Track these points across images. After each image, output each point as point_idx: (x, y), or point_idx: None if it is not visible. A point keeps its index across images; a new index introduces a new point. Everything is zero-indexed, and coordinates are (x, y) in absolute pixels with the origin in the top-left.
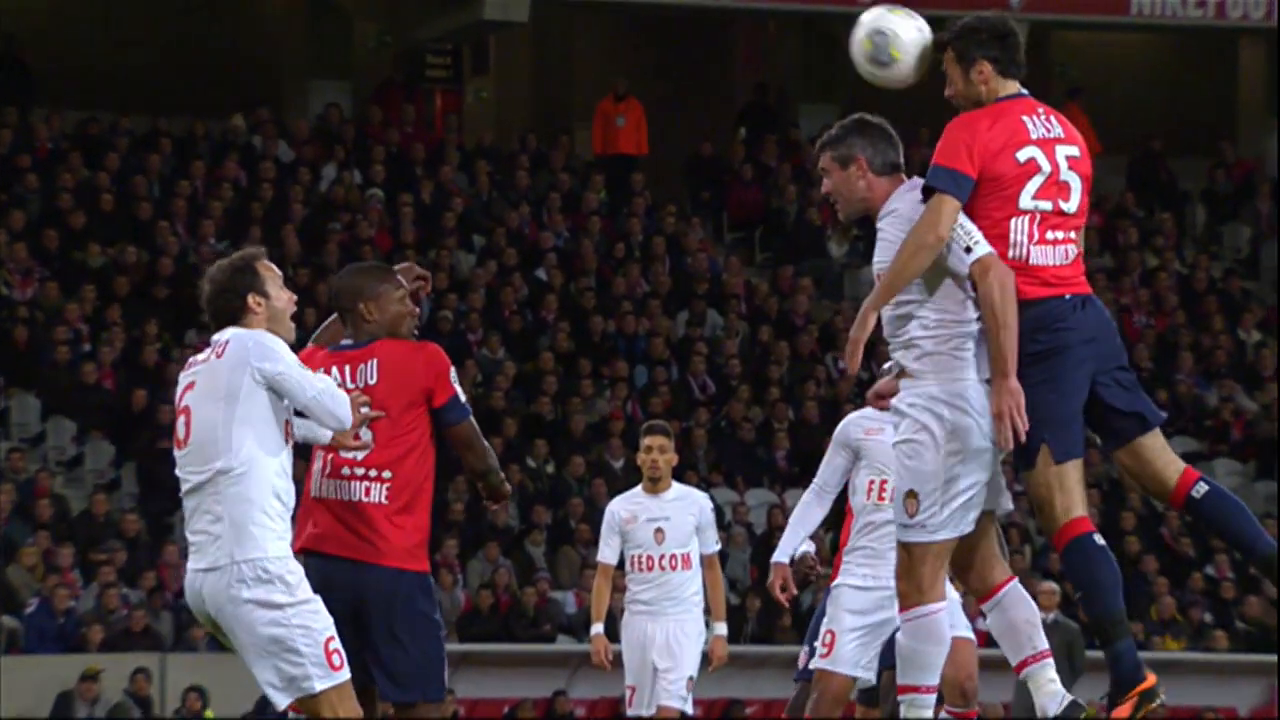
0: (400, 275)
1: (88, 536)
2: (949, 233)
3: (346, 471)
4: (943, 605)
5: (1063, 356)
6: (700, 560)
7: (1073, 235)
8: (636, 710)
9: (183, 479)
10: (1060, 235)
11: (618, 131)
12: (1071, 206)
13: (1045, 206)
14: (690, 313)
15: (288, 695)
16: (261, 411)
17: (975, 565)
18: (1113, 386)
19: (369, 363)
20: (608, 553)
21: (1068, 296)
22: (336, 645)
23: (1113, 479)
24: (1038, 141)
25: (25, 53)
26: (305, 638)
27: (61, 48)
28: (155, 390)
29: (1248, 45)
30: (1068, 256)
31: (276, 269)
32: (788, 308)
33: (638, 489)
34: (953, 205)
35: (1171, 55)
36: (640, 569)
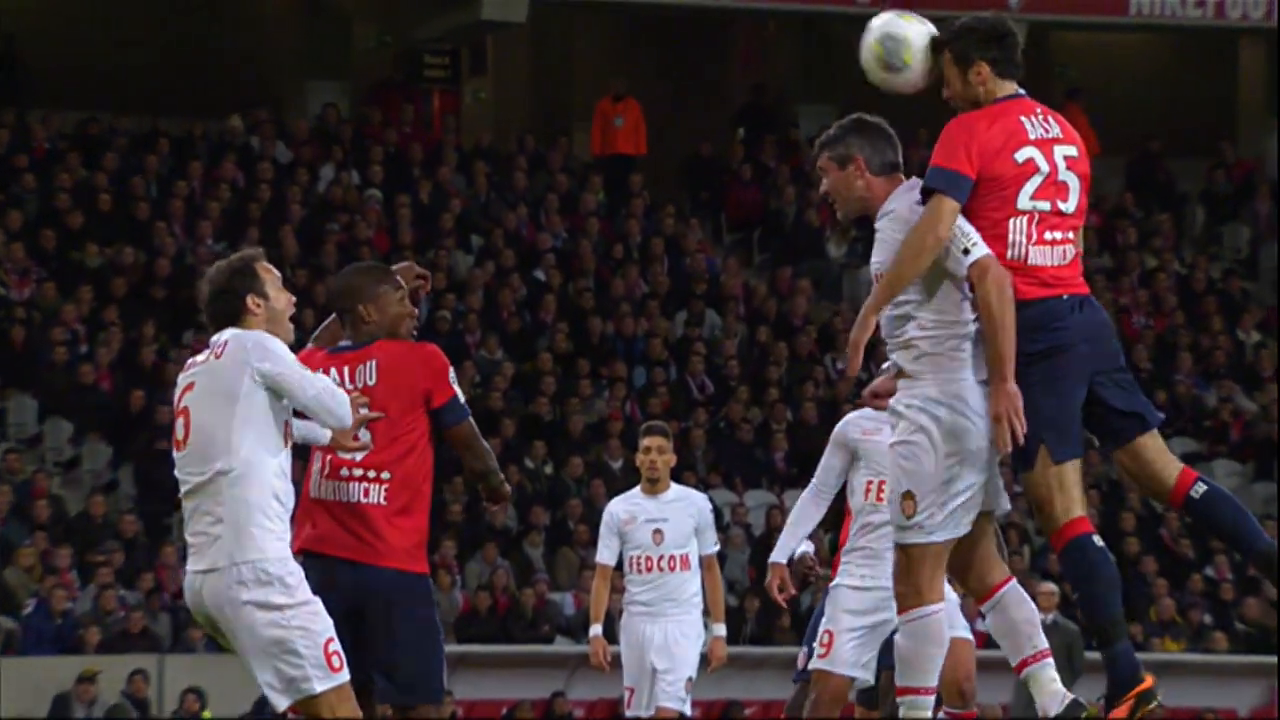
0: (400, 275)
1: (85, 538)
2: (948, 234)
3: (345, 472)
4: (941, 607)
5: (1061, 357)
6: (699, 561)
7: (1071, 235)
8: (635, 711)
9: (182, 480)
10: (1058, 235)
11: (616, 132)
12: (1070, 207)
13: (1044, 207)
14: (689, 313)
15: (287, 697)
16: (261, 412)
17: (973, 566)
18: (1111, 387)
19: (368, 363)
20: (606, 554)
21: (1065, 297)
22: (336, 647)
23: (1112, 480)
24: (1036, 142)
25: (23, 53)
26: (305, 639)
27: (59, 48)
28: (153, 391)
29: (1247, 45)
30: (1066, 257)
31: (275, 270)
32: (786, 308)
33: (636, 490)
34: (952, 207)
35: (1171, 55)
36: (639, 570)
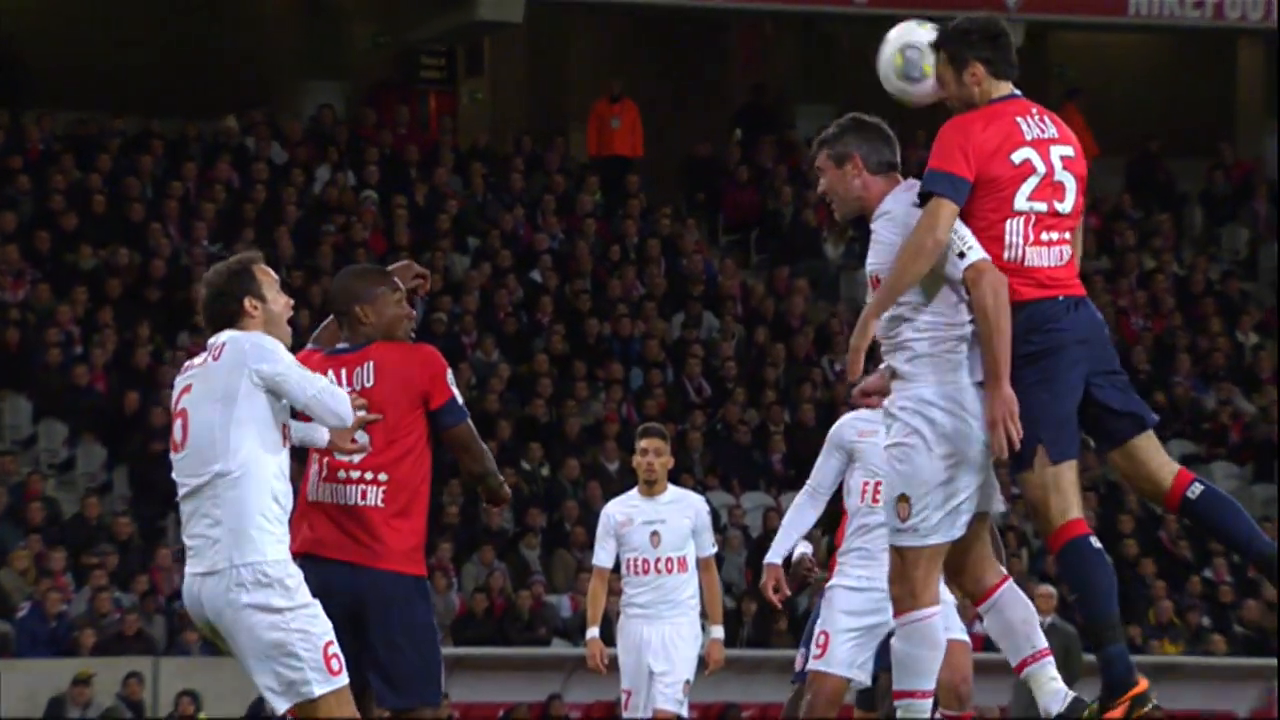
0: (398, 274)
1: (80, 540)
2: (947, 237)
3: (343, 475)
4: (937, 609)
5: (1057, 357)
6: (696, 563)
7: (1067, 236)
8: (632, 714)
9: (180, 483)
10: (1055, 236)
11: (613, 133)
12: (1066, 207)
13: (1040, 208)
14: (686, 315)
15: (287, 700)
16: (260, 414)
17: (969, 568)
18: (1107, 388)
19: (365, 365)
20: (603, 556)
21: (1061, 298)
22: (336, 650)
23: (1111, 482)
24: (1032, 143)
25: (17, 53)
26: (304, 642)
27: (53, 48)
28: (147, 393)
29: (1246, 46)
30: (1062, 257)
31: (273, 273)
32: (784, 309)
33: (633, 492)
34: (950, 209)
35: (1170, 56)
36: (636, 572)
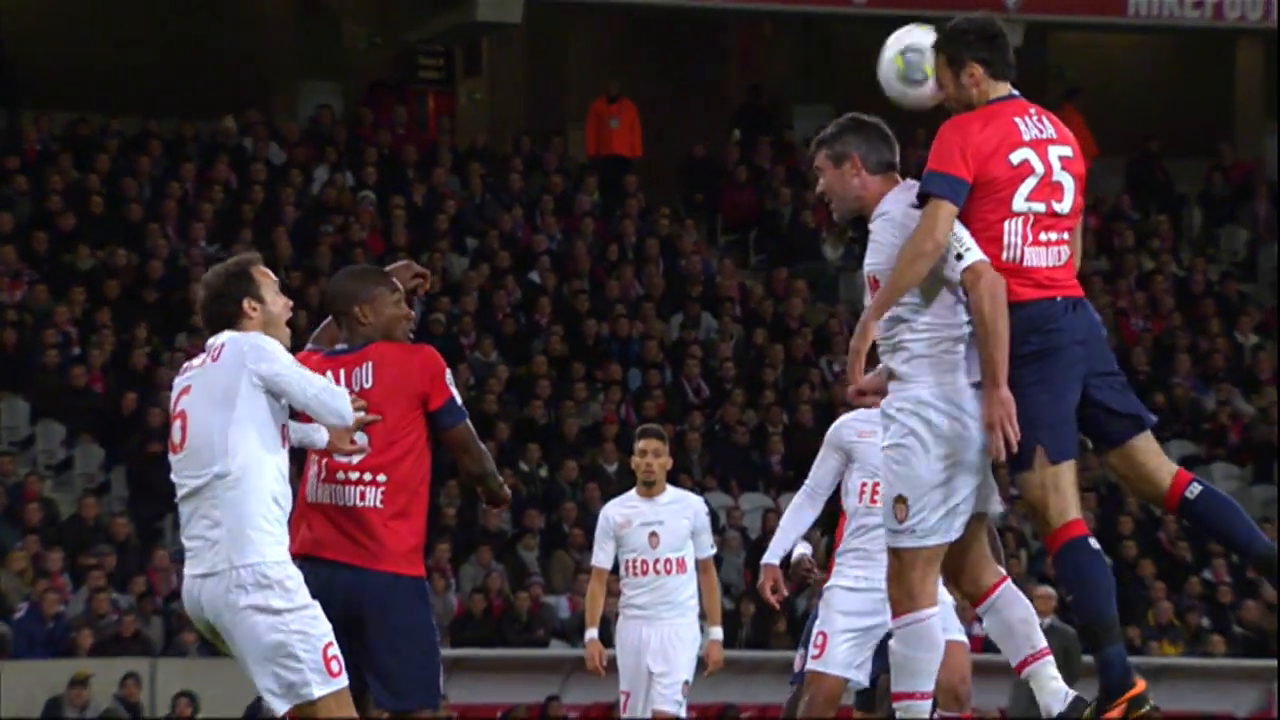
0: (397, 274)
1: (77, 540)
2: (946, 239)
3: (341, 476)
4: (935, 611)
5: (1055, 357)
6: (695, 564)
7: (1065, 236)
8: (631, 715)
9: (179, 484)
10: (1053, 236)
11: (611, 133)
12: (1064, 207)
13: (1039, 208)
14: (684, 315)
15: (286, 701)
16: (259, 415)
17: (967, 569)
18: (1105, 388)
19: (364, 366)
20: (602, 557)
21: (1059, 299)
22: (335, 652)
23: (1110, 483)
24: (1030, 143)
25: (14, 54)
26: (304, 644)
27: (50, 49)
28: (145, 393)
29: (1245, 46)
30: (1060, 258)
31: (272, 275)
32: (782, 310)
33: (632, 493)
34: (949, 211)
35: (1169, 56)
36: (635, 573)
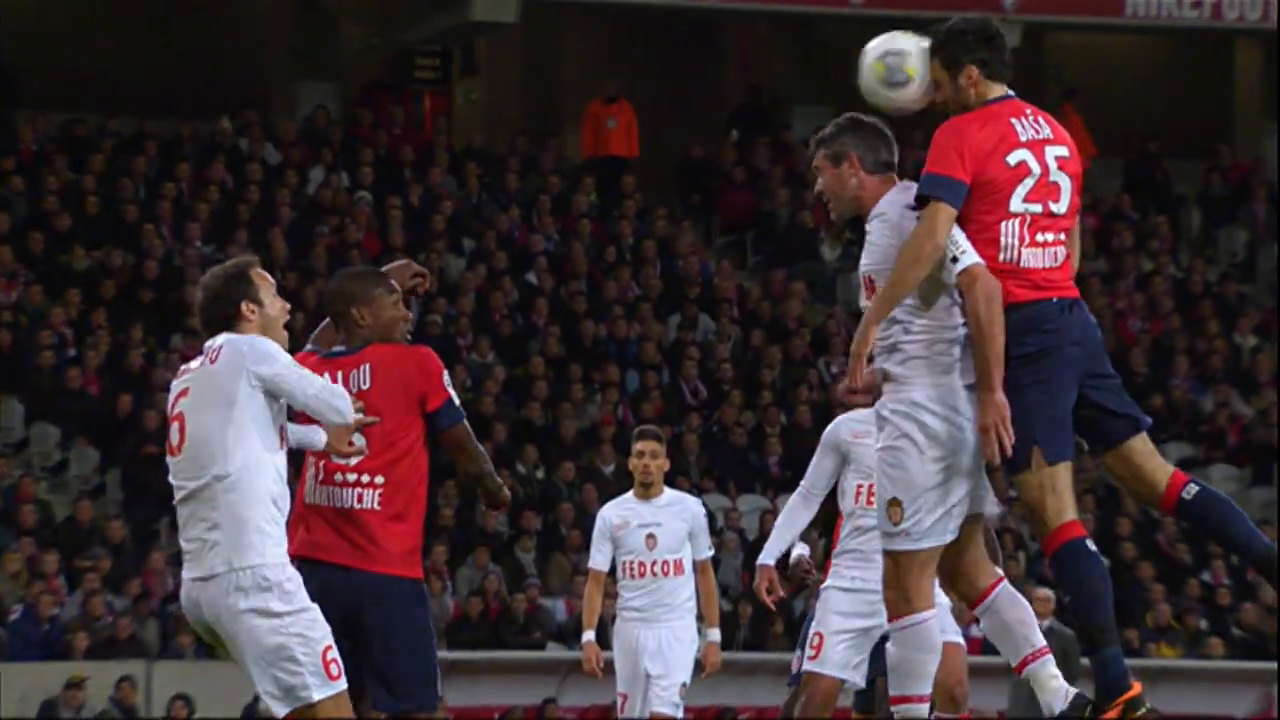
0: (396, 273)
1: (72, 543)
2: (945, 242)
3: (339, 478)
4: (932, 613)
5: (1051, 358)
6: (693, 566)
7: (1062, 237)
8: (629, 717)
9: (176, 486)
10: (1050, 237)
11: (608, 134)
12: (1061, 208)
13: (1035, 209)
14: (681, 317)
15: (285, 704)
16: (257, 416)
17: (963, 571)
18: (1101, 390)
19: (361, 368)
20: (599, 559)
21: (1055, 299)
22: (334, 655)
23: (1108, 485)
24: (1027, 144)
25: (9, 54)
26: (303, 647)
27: (46, 49)
28: (140, 395)
29: (1244, 47)
30: (1057, 259)
31: (270, 277)
32: (780, 311)
33: (629, 494)
34: (948, 213)
35: (1167, 57)
36: (632, 575)
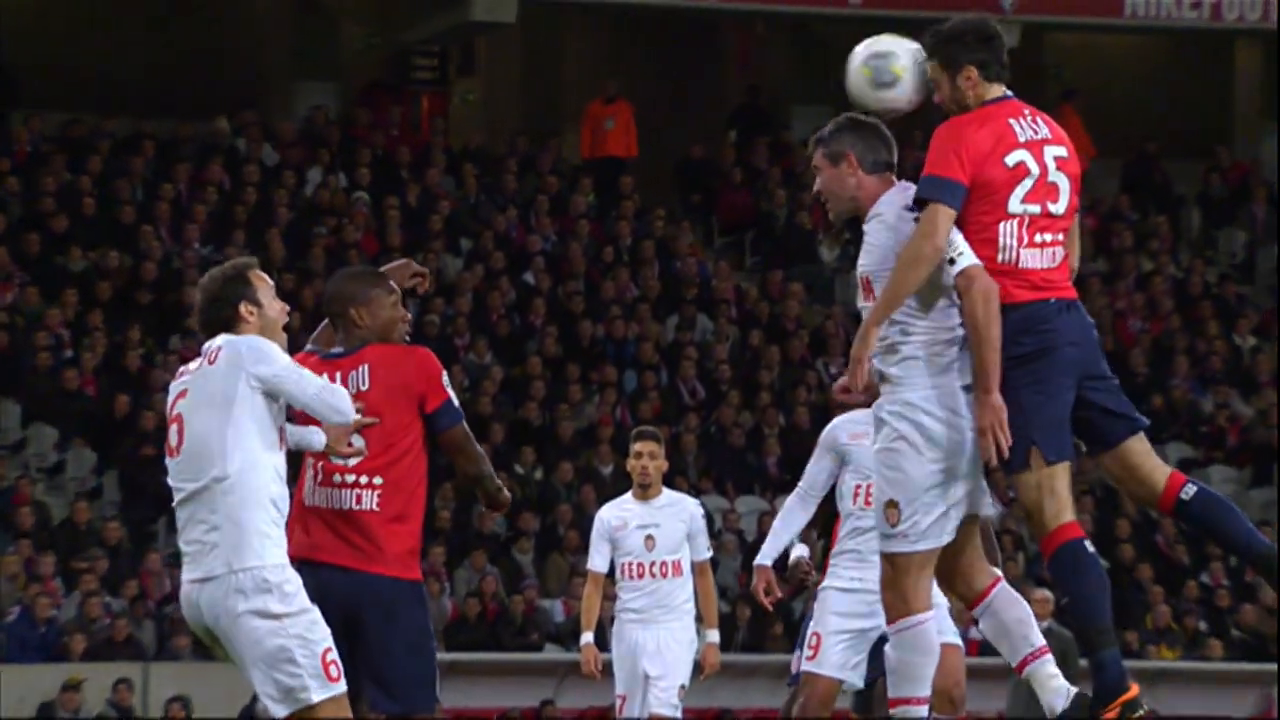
0: (395, 273)
1: (69, 545)
2: (945, 243)
3: (338, 479)
4: (930, 615)
5: (1049, 358)
6: (691, 567)
7: (1060, 237)
8: (627, 718)
9: (175, 488)
10: (1049, 238)
11: (607, 134)
12: (1060, 208)
13: (1034, 210)
14: (680, 317)
15: (285, 706)
16: (257, 418)
17: (960, 572)
18: (1099, 390)
19: (360, 369)
20: (598, 560)
21: (1053, 300)
22: (334, 657)
23: (1108, 486)
24: (1026, 144)
25: (8, 54)
26: (303, 649)
27: (43, 49)
28: (138, 396)
29: (1244, 47)
30: (1055, 259)
31: (269, 279)
32: (778, 312)
33: (627, 495)
34: (948, 215)
35: (1167, 57)
36: (631, 576)
